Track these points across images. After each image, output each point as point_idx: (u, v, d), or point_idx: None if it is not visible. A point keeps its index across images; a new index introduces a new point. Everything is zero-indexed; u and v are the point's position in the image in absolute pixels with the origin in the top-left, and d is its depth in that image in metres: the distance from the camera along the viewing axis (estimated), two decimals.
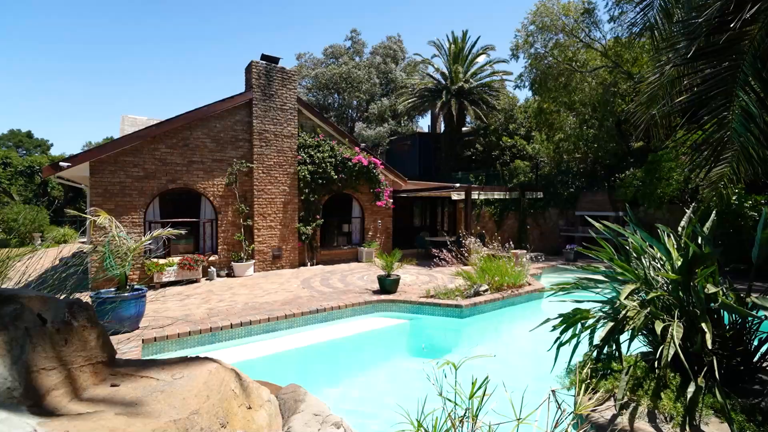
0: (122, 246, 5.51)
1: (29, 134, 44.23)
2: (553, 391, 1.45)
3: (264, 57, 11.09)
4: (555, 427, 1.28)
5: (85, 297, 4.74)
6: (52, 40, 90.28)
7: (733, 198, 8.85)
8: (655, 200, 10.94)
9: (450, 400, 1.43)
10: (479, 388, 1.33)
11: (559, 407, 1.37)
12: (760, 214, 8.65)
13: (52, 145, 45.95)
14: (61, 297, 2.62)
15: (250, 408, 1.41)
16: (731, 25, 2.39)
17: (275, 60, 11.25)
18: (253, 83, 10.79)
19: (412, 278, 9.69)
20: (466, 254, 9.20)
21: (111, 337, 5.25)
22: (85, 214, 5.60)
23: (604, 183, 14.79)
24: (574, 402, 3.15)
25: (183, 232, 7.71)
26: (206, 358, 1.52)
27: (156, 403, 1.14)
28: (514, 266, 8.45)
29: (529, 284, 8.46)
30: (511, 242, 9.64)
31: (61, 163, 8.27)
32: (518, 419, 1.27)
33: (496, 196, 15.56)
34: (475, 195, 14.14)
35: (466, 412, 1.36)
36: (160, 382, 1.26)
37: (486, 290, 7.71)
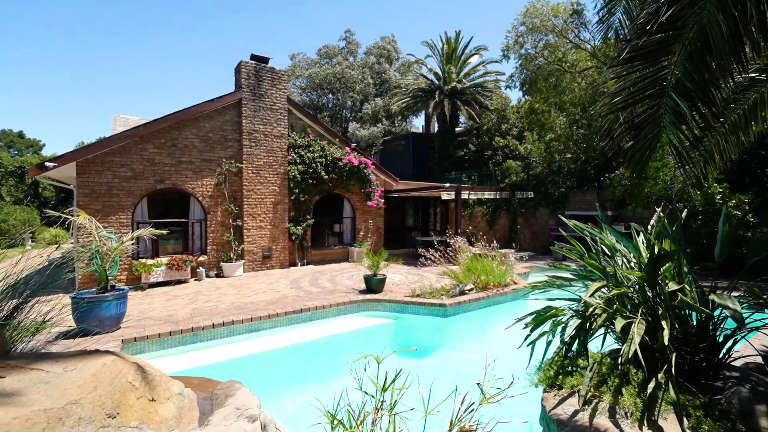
0: (102, 245, 5.50)
1: (21, 134, 43.96)
2: (478, 383, 1.48)
3: (254, 57, 11.09)
4: (460, 419, 1.32)
5: (66, 297, 4.75)
6: (47, 40, 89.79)
7: (718, 197, 8.93)
8: (642, 200, 11.01)
9: (367, 393, 1.47)
10: (393, 381, 1.36)
11: (483, 395, 1.41)
12: (743, 213, 8.71)
13: (44, 145, 45.74)
14: (23, 297, 2.62)
15: (153, 400, 1.44)
16: (647, 28, 2.46)
17: (265, 60, 11.25)
18: (242, 83, 10.79)
19: (401, 278, 9.72)
20: (452, 254, 9.25)
21: (90, 337, 5.17)
22: (65, 214, 5.58)
23: (593, 183, 14.88)
24: (541, 399, 3.21)
25: (165, 232, 7.71)
26: (105, 352, 1.55)
27: (34, 394, 1.17)
28: (500, 265, 8.50)
29: (515, 283, 8.50)
30: (495, 242, 9.69)
31: (47, 164, 8.23)
32: (426, 411, 1.30)
33: (487, 196, 15.63)
34: (465, 195, 14.20)
35: (382, 404, 1.39)
36: (49, 374, 1.29)
37: (471, 289, 7.75)
